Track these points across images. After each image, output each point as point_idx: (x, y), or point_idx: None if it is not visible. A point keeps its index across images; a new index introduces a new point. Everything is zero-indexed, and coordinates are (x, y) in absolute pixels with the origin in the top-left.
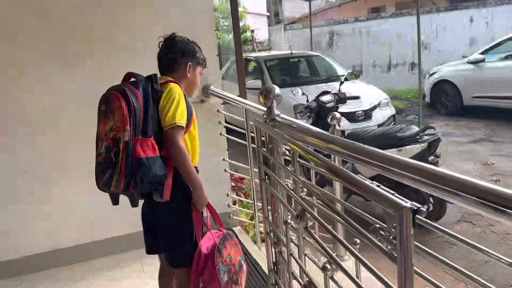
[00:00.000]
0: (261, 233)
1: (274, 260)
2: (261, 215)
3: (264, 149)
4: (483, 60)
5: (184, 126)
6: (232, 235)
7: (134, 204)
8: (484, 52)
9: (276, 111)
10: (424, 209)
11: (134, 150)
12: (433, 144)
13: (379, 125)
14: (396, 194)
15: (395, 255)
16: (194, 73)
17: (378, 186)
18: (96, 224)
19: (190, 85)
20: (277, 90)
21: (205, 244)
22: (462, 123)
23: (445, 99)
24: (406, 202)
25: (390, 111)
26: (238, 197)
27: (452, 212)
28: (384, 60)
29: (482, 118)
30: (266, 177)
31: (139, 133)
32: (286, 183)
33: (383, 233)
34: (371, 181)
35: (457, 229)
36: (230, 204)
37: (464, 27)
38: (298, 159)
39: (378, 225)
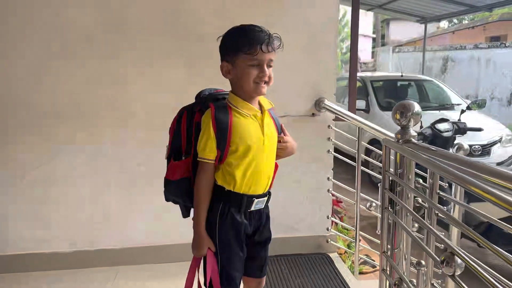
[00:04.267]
0: (359, 264)
1: None
2: (363, 245)
3: (392, 173)
4: None
5: (208, 161)
6: None
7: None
8: None
9: (413, 132)
10: None
11: None
12: None
13: (498, 163)
14: None
15: None
16: (236, 69)
17: None
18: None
19: (240, 85)
20: (417, 107)
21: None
22: None
23: None
24: None
25: None
26: (338, 221)
27: None
28: (504, 92)
29: None
30: (390, 205)
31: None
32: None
33: None
34: None
35: None
36: (329, 228)
37: None
38: (437, 191)
39: None
